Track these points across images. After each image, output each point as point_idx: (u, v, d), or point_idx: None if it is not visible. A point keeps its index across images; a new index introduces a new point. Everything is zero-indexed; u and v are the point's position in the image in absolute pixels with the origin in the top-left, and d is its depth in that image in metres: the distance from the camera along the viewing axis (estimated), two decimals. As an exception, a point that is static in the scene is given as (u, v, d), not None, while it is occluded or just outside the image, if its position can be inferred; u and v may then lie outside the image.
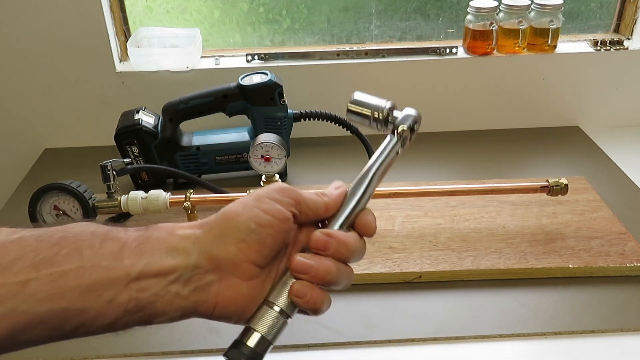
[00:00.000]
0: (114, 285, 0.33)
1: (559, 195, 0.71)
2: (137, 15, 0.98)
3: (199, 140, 0.86)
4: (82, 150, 0.98)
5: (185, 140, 0.85)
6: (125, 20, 0.97)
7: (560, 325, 0.59)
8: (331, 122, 0.85)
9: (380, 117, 0.43)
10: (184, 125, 0.85)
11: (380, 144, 0.44)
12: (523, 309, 0.61)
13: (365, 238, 0.41)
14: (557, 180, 0.71)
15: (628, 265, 0.65)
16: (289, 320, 0.38)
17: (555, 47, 0.97)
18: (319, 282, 0.38)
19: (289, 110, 0.84)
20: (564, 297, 0.63)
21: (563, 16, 0.95)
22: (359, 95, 0.45)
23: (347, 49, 0.97)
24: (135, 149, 0.82)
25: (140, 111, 0.84)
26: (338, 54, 0.97)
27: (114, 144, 0.82)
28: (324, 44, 1.02)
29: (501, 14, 0.95)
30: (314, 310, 0.38)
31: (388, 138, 0.43)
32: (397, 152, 0.43)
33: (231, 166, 0.86)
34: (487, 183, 0.74)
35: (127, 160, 0.77)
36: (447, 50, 0.97)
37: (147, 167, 0.84)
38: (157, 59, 0.93)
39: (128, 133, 0.81)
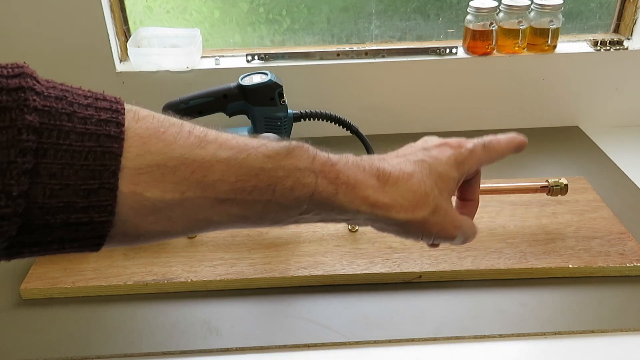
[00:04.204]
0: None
1: (559, 195, 0.71)
2: (137, 15, 0.98)
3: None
4: (82, 150, 0.98)
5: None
6: (125, 20, 0.97)
7: (560, 325, 0.59)
8: (331, 122, 0.85)
9: None
10: (184, 125, 0.85)
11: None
12: (523, 309, 0.61)
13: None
14: (557, 180, 0.71)
15: (628, 265, 0.65)
16: None
17: (555, 47, 0.97)
18: None
19: (289, 110, 0.84)
20: (564, 297, 0.63)
21: (563, 16, 0.95)
22: None
23: (347, 49, 0.97)
24: (135, 149, 0.82)
25: (140, 111, 0.84)
26: (338, 54, 0.97)
27: (114, 144, 0.82)
28: (324, 44, 1.02)
29: (501, 14, 0.95)
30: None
31: None
32: None
33: (231, 166, 0.86)
34: (486, 183, 0.74)
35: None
36: (447, 50, 0.97)
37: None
38: (157, 59, 0.93)
39: (128, 133, 0.81)
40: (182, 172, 0.33)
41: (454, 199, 0.51)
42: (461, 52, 0.98)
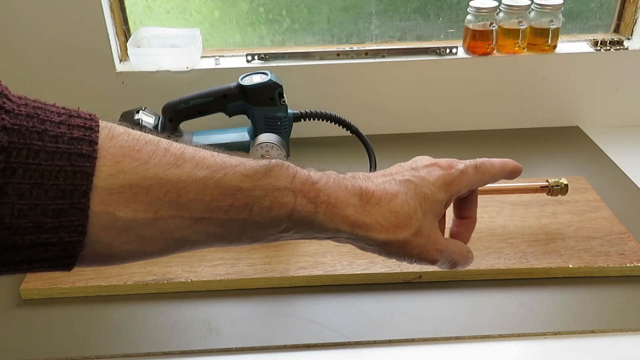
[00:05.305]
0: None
1: (559, 195, 0.71)
2: (137, 15, 0.98)
3: (199, 140, 0.86)
4: (82, 150, 0.98)
5: (185, 141, 0.85)
6: (125, 20, 0.97)
7: (560, 325, 0.59)
8: (331, 122, 0.85)
9: None
10: (184, 125, 0.85)
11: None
12: (523, 309, 0.61)
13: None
14: (557, 180, 0.71)
15: (628, 265, 0.65)
16: None
17: (555, 47, 0.97)
18: None
19: (289, 110, 0.84)
20: (564, 297, 0.63)
21: (563, 16, 0.95)
22: None
23: (347, 49, 0.97)
24: (135, 149, 0.82)
25: (140, 111, 0.84)
26: (338, 54, 0.97)
27: (114, 144, 0.82)
28: (324, 44, 1.02)
29: (501, 14, 0.95)
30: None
31: None
32: None
33: (231, 166, 0.86)
34: (487, 183, 0.74)
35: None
36: (447, 50, 0.97)
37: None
38: (157, 59, 0.93)
39: (128, 133, 0.81)
40: (156, 191, 0.32)
41: (450, 216, 0.51)
42: (461, 52, 0.98)
